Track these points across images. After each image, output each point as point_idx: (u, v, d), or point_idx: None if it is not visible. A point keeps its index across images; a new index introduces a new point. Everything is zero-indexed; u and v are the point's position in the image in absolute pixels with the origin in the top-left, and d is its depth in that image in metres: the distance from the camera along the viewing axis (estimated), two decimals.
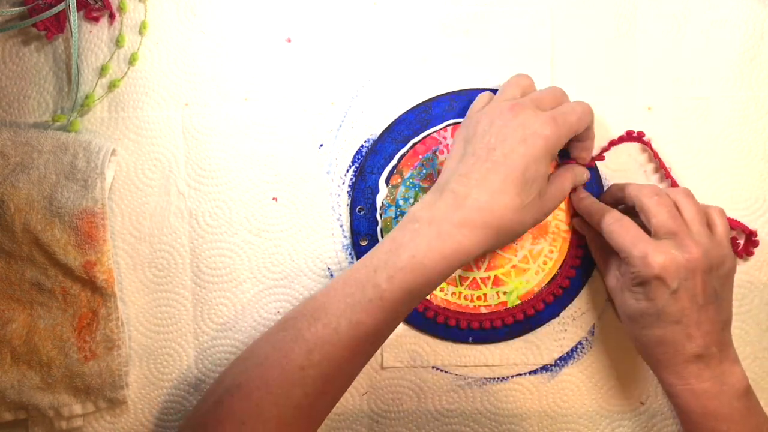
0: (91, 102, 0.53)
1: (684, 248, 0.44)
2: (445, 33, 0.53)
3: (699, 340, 0.44)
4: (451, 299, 0.53)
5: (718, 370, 0.44)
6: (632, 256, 0.45)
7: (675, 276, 0.43)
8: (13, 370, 0.52)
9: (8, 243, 0.51)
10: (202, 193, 0.54)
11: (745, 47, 0.52)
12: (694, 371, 0.44)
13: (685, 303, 0.44)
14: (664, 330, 0.44)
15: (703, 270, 0.44)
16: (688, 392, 0.45)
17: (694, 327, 0.44)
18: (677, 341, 0.44)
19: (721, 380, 0.44)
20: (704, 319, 0.44)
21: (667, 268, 0.43)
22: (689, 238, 0.45)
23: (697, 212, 0.46)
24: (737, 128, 0.52)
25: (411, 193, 0.53)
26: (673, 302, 0.44)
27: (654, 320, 0.45)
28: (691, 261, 0.44)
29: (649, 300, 0.45)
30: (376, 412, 0.54)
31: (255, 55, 0.53)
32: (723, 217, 0.48)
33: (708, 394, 0.44)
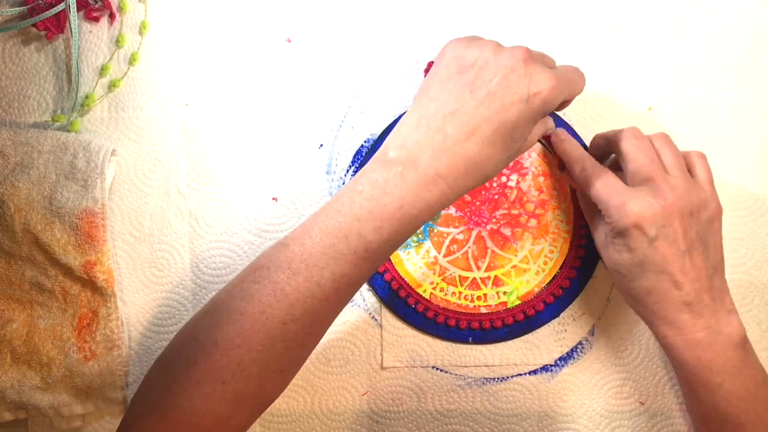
0: (91, 102, 0.53)
1: (659, 194, 0.43)
2: (445, 33, 0.53)
3: (687, 287, 0.43)
4: (451, 299, 0.53)
5: (713, 320, 0.43)
6: (609, 206, 0.44)
7: (651, 223, 0.43)
8: (13, 370, 0.52)
9: (8, 243, 0.51)
10: (202, 193, 0.54)
11: (745, 47, 0.52)
12: (686, 320, 0.43)
13: (666, 250, 0.43)
14: (651, 280, 0.44)
15: (682, 215, 0.43)
16: (682, 343, 0.44)
17: (679, 274, 0.43)
18: (665, 290, 0.43)
19: (715, 330, 0.43)
20: (689, 266, 0.43)
21: (642, 215, 0.43)
22: (665, 183, 0.44)
23: (675, 156, 0.46)
24: (737, 128, 0.52)
25: None
26: (653, 251, 0.43)
27: (639, 271, 0.44)
28: (667, 207, 0.43)
29: (630, 251, 0.44)
30: (376, 412, 0.54)
31: (255, 55, 0.53)
32: (704, 161, 0.47)
33: (702, 344, 0.43)
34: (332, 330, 0.53)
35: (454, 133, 0.41)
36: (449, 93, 0.42)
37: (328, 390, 0.54)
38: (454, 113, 0.41)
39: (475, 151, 0.41)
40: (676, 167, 0.45)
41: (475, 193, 0.53)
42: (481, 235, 0.53)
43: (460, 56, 0.42)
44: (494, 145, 0.41)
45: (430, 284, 0.53)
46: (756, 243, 0.52)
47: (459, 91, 0.41)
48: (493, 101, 0.41)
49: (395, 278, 0.53)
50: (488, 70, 0.41)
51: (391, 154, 0.41)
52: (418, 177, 0.41)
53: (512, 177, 0.53)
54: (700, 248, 0.44)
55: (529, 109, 0.41)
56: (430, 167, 0.41)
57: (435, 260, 0.53)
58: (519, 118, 0.41)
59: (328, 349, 0.54)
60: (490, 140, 0.41)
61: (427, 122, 0.41)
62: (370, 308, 0.54)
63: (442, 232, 0.53)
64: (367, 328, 0.54)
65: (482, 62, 0.42)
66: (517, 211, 0.53)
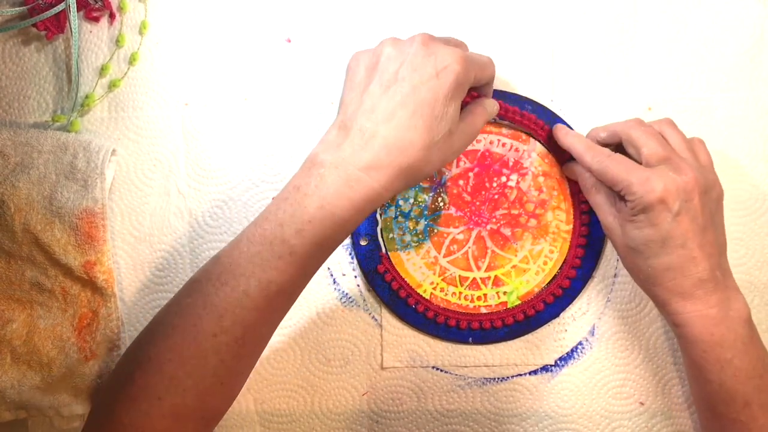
0: (91, 102, 0.53)
1: (680, 171, 0.44)
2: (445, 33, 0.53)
3: (704, 263, 0.44)
4: (451, 299, 0.53)
5: (724, 296, 0.44)
6: (632, 184, 0.44)
7: (676, 197, 0.43)
8: (13, 370, 0.52)
9: (8, 243, 0.51)
10: (202, 193, 0.54)
11: (745, 47, 0.52)
12: (701, 296, 0.44)
13: (687, 225, 0.44)
14: (670, 255, 0.44)
15: (700, 191, 0.44)
16: (697, 318, 0.44)
17: (697, 249, 0.44)
18: (683, 265, 0.44)
19: (727, 305, 0.44)
20: (705, 241, 0.44)
21: (668, 190, 0.43)
22: (683, 161, 0.45)
23: (683, 140, 0.47)
24: (737, 128, 0.52)
25: (411, 193, 0.53)
26: (677, 225, 0.44)
27: (659, 247, 0.44)
28: (688, 182, 0.44)
29: (653, 226, 0.44)
30: (376, 412, 0.54)
31: (255, 55, 0.53)
32: (704, 146, 0.48)
33: (715, 319, 0.44)
34: (332, 330, 0.54)
35: (371, 127, 0.41)
36: (362, 95, 0.42)
37: (328, 390, 0.54)
38: (370, 110, 0.41)
39: (396, 137, 0.41)
40: (686, 149, 0.47)
41: (475, 193, 0.53)
42: (481, 235, 0.53)
43: (365, 61, 0.44)
44: (415, 128, 0.41)
45: (430, 284, 0.53)
46: (756, 243, 0.52)
47: (370, 89, 0.42)
48: (403, 87, 0.41)
49: (395, 278, 0.53)
50: (392, 62, 0.42)
51: (315, 159, 0.42)
52: (339, 176, 0.41)
53: (512, 177, 0.53)
54: (712, 227, 0.45)
55: (441, 84, 0.41)
56: (350, 164, 0.41)
57: (435, 260, 0.53)
58: (434, 96, 0.41)
59: (328, 349, 0.54)
60: (409, 124, 0.41)
61: (346, 125, 0.42)
62: (370, 308, 0.54)
63: (442, 232, 0.53)
64: (367, 328, 0.54)
65: (385, 58, 0.43)
66: (517, 211, 0.53)
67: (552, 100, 0.53)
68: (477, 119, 0.46)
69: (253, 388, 0.54)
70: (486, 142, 0.53)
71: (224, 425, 0.54)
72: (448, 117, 0.42)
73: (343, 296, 0.54)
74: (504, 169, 0.53)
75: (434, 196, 0.53)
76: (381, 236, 0.53)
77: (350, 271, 0.54)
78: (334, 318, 0.54)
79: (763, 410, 0.44)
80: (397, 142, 0.41)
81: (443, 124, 0.42)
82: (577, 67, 0.53)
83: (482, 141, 0.53)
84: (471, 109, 0.46)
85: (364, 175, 0.40)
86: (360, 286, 0.54)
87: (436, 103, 0.41)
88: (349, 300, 0.54)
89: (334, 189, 0.40)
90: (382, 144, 0.41)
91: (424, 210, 0.53)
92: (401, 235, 0.53)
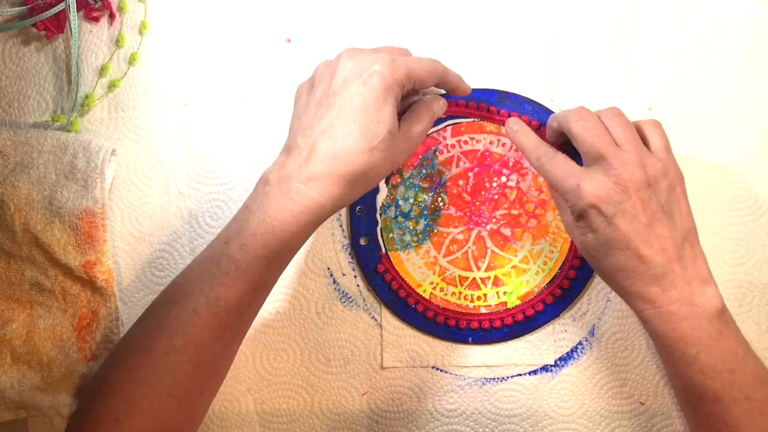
0: (91, 102, 0.53)
1: (611, 171, 0.43)
2: (446, 33, 0.53)
3: (654, 259, 0.42)
4: (451, 299, 0.53)
5: (686, 291, 0.42)
6: (565, 191, 0.44)
7: (607, 201, 0.42)
8: (13, 370, 0.52)
9: (8, 243, 0.51)
10: (202, 193, 0.54)
11: (745, 47, 0.52)
12: (658, 293, 0.43)
13: (626, 226, 0.42)
14: (617, 257, 0.43)
15: (638, 189, 0.42)
16: (656, 315, 0.43)
17: (644, 248, 0.42)
18: (632, 266, 0.43)
19: (689, 301, 0.42)
20: (653, 237, 0.42)
21: (598, 196, 0.42)
22: (617, 159, 0.43)
23: (626, 130, 0.45)
24: (737, 128, 0.52)
25: (411, 193, 0.53)
26: (614, 228, 0.42)
27: (605, 250, 0.43)
28: (620, 183, 0.42)
29: (592, 231, 0.43)
30: (376, 412, 0.54)
31: (255, 55, 0.53)
32: (658, 129, 0.46)
33: (676, 316, 0.42)
34: (332, 330, 0.54)
35: (309, 142, 0.42)
36: (302, 115, 0.44)
37: (328, 390, 0.54)
38: (308, 126, 0.43)
39: (332, 147, 0.42)
40: (628, 141, 0.44)
41: (475, 193, 0.53)
42: (481, 235, 0.53)
43: (304, 87, 0.46)
44: (351, 135, 0.42)
45: (430, 284, 0.53)
46: (756, 243, 0.52)
47: (308, 110, 0.44)
48: (335, 99, 0.43)
49: (395, 278, 0.53)
50: (324, 81, 0.44)
51: (262, 179, 0.43)
52: (280, 190, 0.42)
53: (512, 177, 0.53)
54: (664, 219, 0.43)
55: (369, 89, 0.42)
56: (291, 179, 0.42)
57: (435, 260, 0.53)
58: (364, 101, 0.42)
59: (328, 349, 0.54)
60: (344, 132, 0.42)
61: (290, 146, 0.43)
62: (370, 308, 0.54)
63: (442, 232, 0.53)
64: (367, 328, 0.54)
65: (318, 79, 0.45)
66: (517, 211, 0.53)
67: (552, 100, 0.53)
68: (421, 117, 0.46)
69: (253, 388, 0.54)
70: (486, 142, 0.53)
71: (224, 425, 0.54)
72: (384, 119, 0.43)
73: (342, 296, 0.54)
74: (504, 169, 0.53)
75: (434, 196, 0.53)
76: (381, 236, 0.53)
77: (350, 271, 0.54)
78: (334, 318, 0.54)
79: (736, 405, 0.42)
80: (334, 151, 0.42)
81: (380, 126, 0.42)
82: (576, 67, 0.53)
83: (482, 141, 0.53)
84: (415, 107, 0.47)
85: (303, 187, 0.42)
86: (360, 285, 0.54)
87: (368, 109, 0.42)
88: (348, 300, 0.54)
89: (276, 203, 0.42)
90: (320, 156, 0.42)
91: (424, 210, 0.53)
92: (401, 235, 0.53)
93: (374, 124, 0.42)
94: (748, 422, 0.42)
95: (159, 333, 0.42)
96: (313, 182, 0.42)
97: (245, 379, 0.54)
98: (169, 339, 0.41)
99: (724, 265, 0.52)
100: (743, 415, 0.42)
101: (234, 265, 0.41)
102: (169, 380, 0.41)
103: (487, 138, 0.53)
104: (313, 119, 0.43)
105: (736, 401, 0.42)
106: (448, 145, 0.53)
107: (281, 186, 0.42)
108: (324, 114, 0.43)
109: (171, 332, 0.41)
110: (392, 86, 0.43)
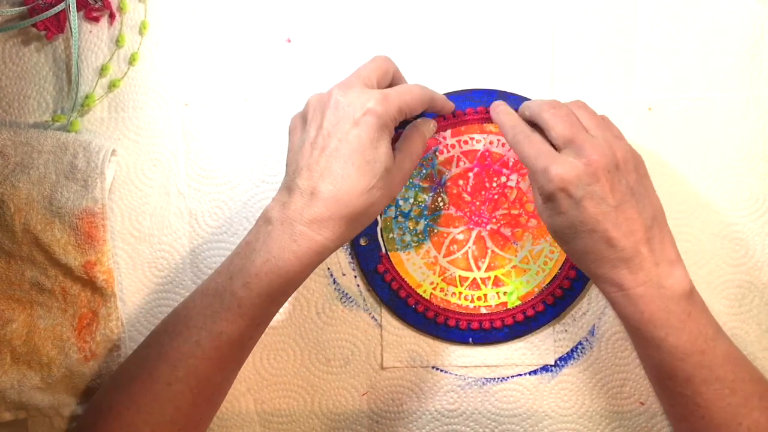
0: (91, 102, 0.53)
1: (581, 153, 0.42)
2: (445, 33, 0.53)
3: (622, 242, 0.42)
4: (451, 299, 0.53)
5: (653, 273, 0.42)
6: (535, 172, 0.44)
7: (576, 184, 0.42)
8: (13, 370, 0.52)
9: (8, 243, 0.51)
10: (202, 193, 0.54)
11: (745, 47, 0.52)
12: (625, 275, 0.43)
13: (594, 209, 0.42)
14: (585, 240, 0.43)
15: (607, 170, 0.42)
16: (624, 298, 0.43)
17: (612, 230, 0.42)
18: (600, 248, 0.43)
19: (656, 283, 0.42)
20: (622, 219, 0.42)
21: (566, 178, 0.42)
22: (587, 142, 0.43)
23: (593, 117, 0.45)
24: (737, 128, 0.52)
25: (411, 193, 0.53)
26: (582, 211, 0.42)
27: (573, 233, 0.43)
28: (590, 164, 0.42)
29: (560, 214, 0.43)
30: (376, 412, 0.54)
31: (255, 55, 0.53)
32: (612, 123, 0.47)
33: (644, 299, 0.42)
34: (332, 330, 0.54)
35: (310, 185, 0.43)
36: (298, 156, 0.44)
37: (328, 390, 0.54)
38: (307, 169, 0.43)
39: (333, 190, 0.43)
40: (597, 126, 0.45)
41: (475, 193, 0.53)
42: (482, 235, 0.53)
43: (298, 122, 0.46)
44: (350, 177, 0.43)
45: (430, 284, 0.53)
46: (756, 243, 0.52)
47: (303, 150, 0.44)
48: (330, 142, 0.43)
49: (395, 278, 0.53)
50: (315, 119, 0.44)
51: (265, 217, 0.44)
52: (284, 231, 0.43)
53: (512, 177, 0.53)
54: (633, 200, 0.43)
55: (363, 129, 0.43)
56: (295, 221, 0.43)
57: (435, 260, 0.53)
58: (360, 143, 0.43)
59: (328, 349, 0.54)
60: (343, 175, 0.43)
61: (290, 187, 0.44)
62: (370, 308, 0.54)
63: (442, 232, 0.53)
64: (367, 328, 0.54)
65: (311, 113, 0.45)
66: (517, 211, 0.53)
67: None
68: (414, 145, 0.47)
69: (253, 388, 0.54)
70: (486, 142, 0.53)
71: (224, 425, 0.54)
72: (381, 157, 0.43)
73: (342, 296, 0.54)
74: (504, 169, 0.53)
75: (434, 196, 0.53)
76: (381, 236, 0.53)
77: (350, 271, 0.54)
78: (334, 318, 0.54)
79: (706, 385, 0.42)
80: (335, 194, 0.43)
81: (377, 165, 0.43)
82: (576, 67, 0.53)
83: (482, 141, 0.53)
84: (407, 135, 0.48)
85: (307, 230, 0.43)
86: (360, 286, 0.54)
87: (364, 149, 0.43)
88: (348, 300, 0.54)
89: (279, 244, 0.42)
90: (322, 199, 0.43)
91: (424, 210, 0.53)
92: (401, 235, 0.53)
93: (371, 164, 0.43)
94: (719, 402, 0.42)
95: (161, 362, 0.43)
96: (316, 225, 0.43)
97: (245, 379, 0.54)
98: (172, 369, 0.43)
99: (724, 265, 0.52)
100: (714, 396, 0.42)
101: (237, 302, 0.43)
102: (171, 408, 0.43)
103: (487, 138, 0.53)
104: (310, 160, 0.43)
105: (707, 382, 0.42)
106: (448, 145, 0.53)
107: (284, 227, 0.43)
108: (320, 156, 0.43)
109: (173, 363, 0.43)
110: (386, 123, 0.44)
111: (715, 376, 0.42)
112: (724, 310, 0.52)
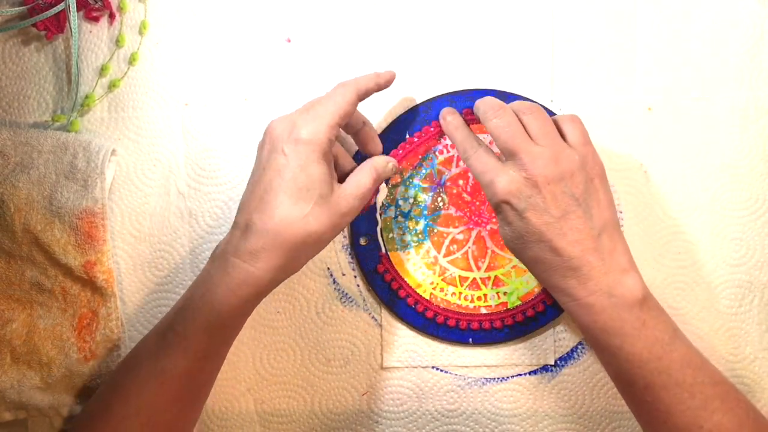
0: (91, 102, 0.53)
1: (522, 166, 0.43)
2: (445, 33, 0.53)
3: (568, 251, 0.43)
4: (451, 299, 0.53)
5: (603, 282, 0.43)
6: (484, 186, 0.45)
7: (518, 196, 0.43)
8: (13, 370, 0.52)
9: (8, 243, 0.51)
10: (202, 193, 0.54)
11: (745, 47, 0.52)
12: (575, 285, 0.43)
13: (538, 219, 0.43)
14: (533, 250, 0.44)
15: (549, 182, 0.43)
16: (577, 307, 0.43)
17: (557, 240, 0.43)
18: (547, 258, 0.43)
19: (607, 293, 0.42)
20: (567, 229, 0.43)
21: (508, 190, 0.43)
22: (528, 154, 0.43)
23: (541, 126, 0.45)
24: (737, 128, 0.52)
25: (411, 193, 0.53)
26: (526, 222, 0.43)
27: (521, 243, 0.44)
28: (531, 177, 0.43)
29: (508, 224, 0.44)
30: (376, 412, 0.54)
31: (255, 55, 0.53)
32: (576, 122, 0.46)
33: (595, 308, 0.43)
34: (332, 330, 0.54)
35: (245, 218, 0.44)
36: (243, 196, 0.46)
37: (328, 390, 0.54)
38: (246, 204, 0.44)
39: (266, 220, 0.43)
40: (544, 135, 0.44)
41: (475, 193, 0.53)
42: (481, 235, 0.53)
43: None
44: (282, 205, 0.43)
45: (430, 284, 0.53)
46: (756, 243, 0.52)
47: (245, 191, 0.45)
48: (263, 174, 0.44)
49: (395, 278, 0.53)
50: (257, 159, 0.46)
51: (211, 256, 0.45)
52: (220, 265, 0.44)
53: None
54: (579, 211, 0.43)
55: (294, 155, 0.43)
56: (230, 254, 0.43)
57: (435, 260, 0.53)
58: (290, 171, 0.43)
59: (328, 349, 0.54)
60: (276, 205, 0.43)
61: (235, 221, 0.45)
62: (370, 308, 0.54)
63: (442, 232, 0.53)
64: (367, 328, 0.54)
65: (256, 157, 0.46)
66: None
67: (552, 100, 0.53)
68: (363, 178, 0.47)
69: (253, 388, 0.54)
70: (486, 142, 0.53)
71: (224, 425, 0.54)
72: (315, 182, 0.44)
73: (342, 296, 0.54)
74: None
75: (434, 195, 0.53)
76: (381, 236, 0.53)
77: (350, 271, 0.54)
78: (334, 318, 0.54)
79: (666, 391, 0.42)
80: (267, 225, 0.43)
81: (312, 191, 0.43)
82: (576, 68, 0.53)
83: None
84: (359, 167, 0.48)
85: (240, 261, 0.43)
86: (360, 285, 0.54)
87: (294, 177, 0.43)
88: (348, 300, 0.54)
89: (216, 279, 0.44)
90: (254, 231, 0.43)
91: (423, 210, 0.53)
92: (401, 234, 0.53)
93: (303, 192, 0.43)
94: (679, 406, 0.42)
95: (116, 396, 0.45)
96: (248, 256, 0.43)
97: (245, 379, 0.54)
98: (123, 405, 0.44)
99: (724, 265, 0.52)
100: (674, 400, 0.42)
101: (178, 340, 0.44)
102: None
103: (487, 138, 0.53)
104: (249, 197, 0.44)
105: (666, 387, 0.42)
106: (448, 145, 0.53)
107: (220, 262, 0.44)
108: (256, 190, 0.44)
109: (125, 398, 0.44)
110: (311, 142, 0.44)
111: (674, 381, 0.42)
112: (724, 310, 0.52)
